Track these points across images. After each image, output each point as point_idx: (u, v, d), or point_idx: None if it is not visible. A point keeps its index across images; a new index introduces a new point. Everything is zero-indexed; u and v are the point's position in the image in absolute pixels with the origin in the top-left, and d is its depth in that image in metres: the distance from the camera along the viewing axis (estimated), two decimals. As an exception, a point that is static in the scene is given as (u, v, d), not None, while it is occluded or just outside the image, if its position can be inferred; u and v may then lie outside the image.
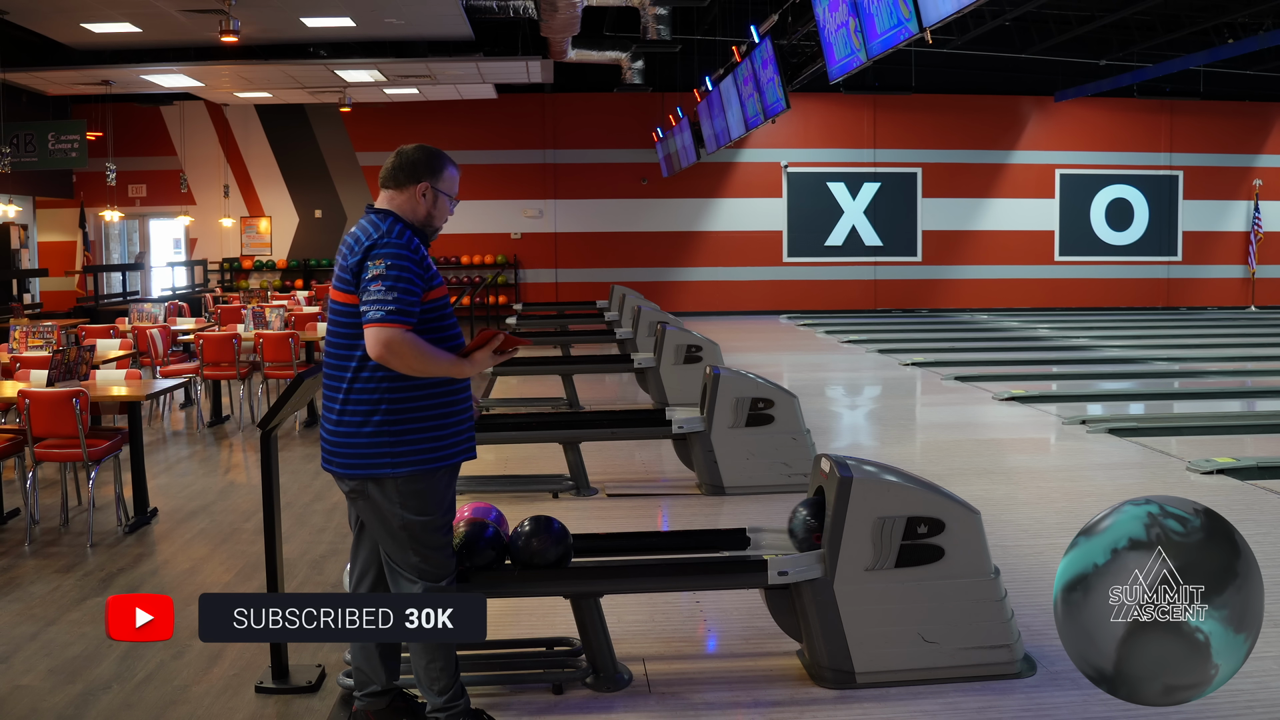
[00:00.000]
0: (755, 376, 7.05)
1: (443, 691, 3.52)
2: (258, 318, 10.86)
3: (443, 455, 3.48)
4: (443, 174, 3.57)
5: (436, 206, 3.56)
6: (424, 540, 3.48)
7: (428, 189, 3.54)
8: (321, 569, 5.64)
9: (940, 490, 4.05)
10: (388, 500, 3.45)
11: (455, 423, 3.52)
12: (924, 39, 7.35)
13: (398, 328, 3.31)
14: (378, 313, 3.31)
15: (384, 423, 3.41)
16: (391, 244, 3.39)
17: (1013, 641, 4.01)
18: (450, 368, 3.41)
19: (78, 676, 4.25)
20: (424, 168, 3.54)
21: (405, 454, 3.42)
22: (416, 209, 3.54)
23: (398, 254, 3.38)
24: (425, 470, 3.45)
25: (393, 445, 3.42)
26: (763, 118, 12.88)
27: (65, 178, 19.92)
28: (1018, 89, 21.35)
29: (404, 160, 3.55)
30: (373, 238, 3.42)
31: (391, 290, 3.32)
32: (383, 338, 3.30)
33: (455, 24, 14.11)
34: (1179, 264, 22.32)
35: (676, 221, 21.58)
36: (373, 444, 3.42)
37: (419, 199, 3.54)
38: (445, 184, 3.57)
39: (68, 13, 12.94)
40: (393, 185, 3.55)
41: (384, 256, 3.36)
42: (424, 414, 3.44)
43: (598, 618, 3.94)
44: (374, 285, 3.34)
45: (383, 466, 3.42)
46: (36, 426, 6.24)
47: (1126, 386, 12.42)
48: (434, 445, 3.46)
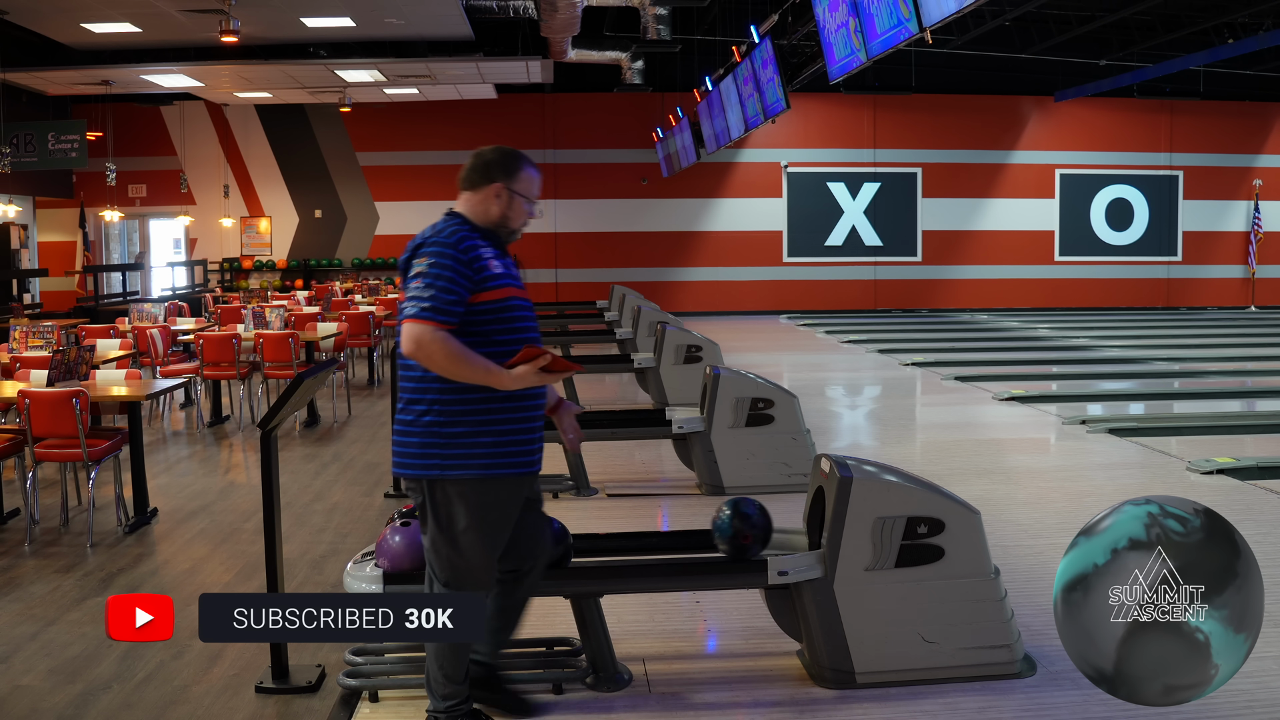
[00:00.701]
0: (755, 376, 7.05)
1: (446, 697, 3.54)
2: (258, 318, 10.86)
3: (498, 464, 3.40)
4: (518, 175, 3.50)
5: (512, 208, 3.50)
6: (466, 550, 3.44)
7: (502, 190, 3.48)
8: (321, 569, 5.64)
9: (940, 490, 4.05)
10: (438, 503, 3.42)
11: (516, 431, 3.42)
12: (924, 39, 7.35)
13: (429, 325, 3.26)
14: (412, 309, 3.30)
15: (434, 424, 3.38)
16: (438, 243, 3.37)
17: (1013, 641, 4.01)
18: (485, 376, 3.31)
19: (78, 676, 4.25)
20: (498, 168, 3.49)
21: (456, 458, 3.37)
22: (489, 210, 3.49)
23: (441, 252, 3.35)
24: (476, 477, 3.38)
25: (443, 448, 3.37)
26: (763, 118, 12.88)
27: (65, 178, 19.92)
28: (1018, 89, 21.35)
29: (479, 161, 3.52)
30: (425, 237, 3.41)
31: (429, 288, 3.29)
32: (412, 334, 3.28)
33: (455, 24, 14.11)
34: (1179, 264, 22.32)
35: (676, 221, 21.58)
36: (425, 444, 3.39)
37: (492, 200, 3.49)
38: (521, 185, 3.50)
39: (68, 13, 12.95)
40: (467, 187, 3.52)
41: (428, 255, 3.35)
42: (478, 419, 3.38)
43: (598, 618, 3.94)
44: (414, 283, 3.33)
45: (433, 468, 3.39)
46: (36, 426, 6.24)
47: (1126, 386, 12.42)
48: (488, 452, 3.38)
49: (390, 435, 3.40)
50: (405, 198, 21.29)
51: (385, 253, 21.35)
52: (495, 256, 3.45)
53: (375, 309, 13.44)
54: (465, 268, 3.35)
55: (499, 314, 3.41)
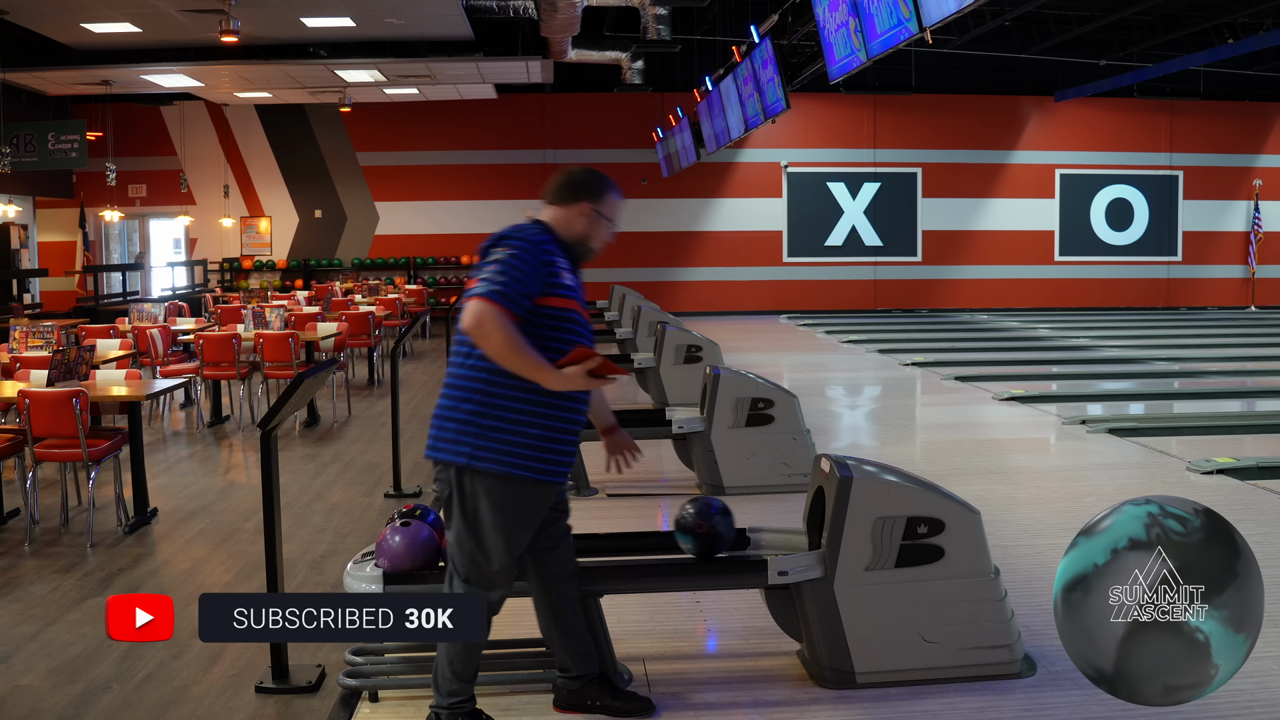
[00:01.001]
0: (755, 376, 7.05)
1: (452, 694, 3.55)
2: (258, 318, 10.86)
3: (527, 466, 3.41)
4: (606, 197, 3.59)
5: (595, 228, 3.58)
6: (489, 547, 3.45)
7: (589, 209, 3.56)
8: (321, 569, 5.64)
9: (940, 490, 4.05)
10: (465, 494, 3.44)
11: (552, 438, 3.44)
12: (924, 39, 7.35)
13: (494, 306, 3.29)
14: (481, 287, 3.33)
15: (475, 413, 3.40)
16: (522, 239, 3.43)
17: (1013, 641, 4.01)
18: (534, 368, 3.32)
19: (78, 676, 4.25)
20: (588, 188, 3.57)
21: (488, 450, 3.39)
22: (573, 226, 3.56)
23: (523, 247, 3.40)
24: (504, 474, 3.40)
25: (477, 438, 3.40)
26: (763, 118, 12.88)
27: (65, 178, 19.92)
28: (1018, 89, 21.35)
29: (570, 179, 3.61)
30: (508, 231, 3.46)
31: (503, 274, 3.33)
32: (476, 310, 3.29)
33: (455, 24, 14.11)
34: (1179, 264, 22.32)
35: (676, 221, 21.58)
36: (461, 431, 3.42)
37: (577, 217, 3.56)
38: (607, 208, 3.60)
39: (68, 13, 12.95)
40: (554, 200, 3.59)
41: (510, 246, 3.40)
42: (518, 417, 3.40)
43: (598, 618, 3.94)
44: (489, 267, 3.37)
45: (462, 455, 3.41)
46: (36, 426, 6.24)
47: (1126, 386, 12.43)
48: (520, 453, 3.40)
49: (390, 435, 3.48)
50: (405, 198, 21.29)
51: (385, 253, 21.36)
52: (568, 269, 3.52)
53: (375, 309, 13.43)
54: (540, 268, 3.40)
55: (559, 323, 3.45)
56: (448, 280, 21.28)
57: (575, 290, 3.52)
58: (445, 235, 21.31)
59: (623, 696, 3.79)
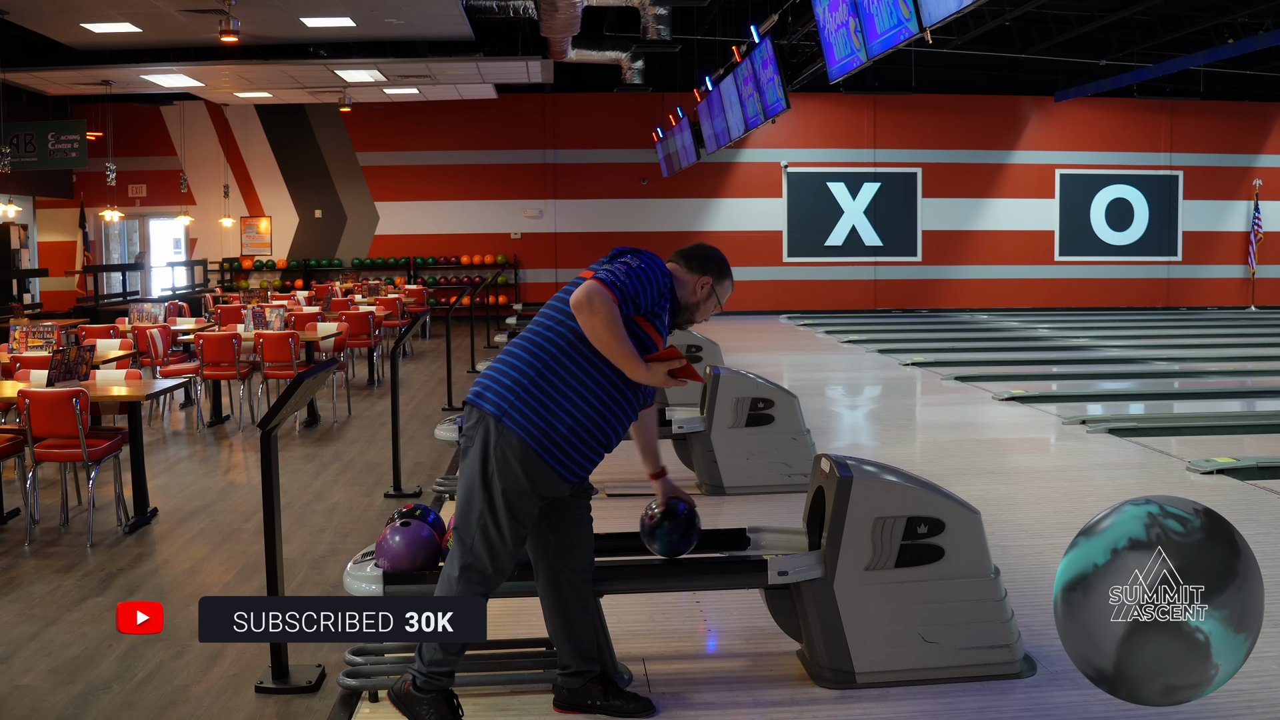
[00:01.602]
0: (755, 376, 7.05)
1: (433, 663, 3.57)
2: (258, 318, 10.86)
3: (545, 448, 3.49)
4: (724, 281, 3.80)
5: (699, 299, 3.77)
6: (495, 506, 3.48)
7: (709, 284, 3.77)
8: (321, 569, 5.64)
9: (940, 490, 4.05)
10: (486, 443, 3.49)
11: (583, 437, 3.53)
12: (924, 39, 7.35)
13: (611, 291, 3.44)
14: (605, 275, 3.50)
15: (528, 379, 3.49)
16: (656, 263, 3.64)
17: (1013, 641, 4.01)
18: (626, 355, 3.46)
19: (78, 676, 4.25)
20: (715, 267, 3.78)
21: (521, 414, 3.47)
22: (685, 289, 3.76)
23: (654, 269, 3.59)
24: (524, 442, 3.47)
25: (519, 399, 3.48)
26: (763, 118, 12.88)
27: (65, 178, 19.92)
28: (1018, 89, 21.35)
29: (704, 253, 3.81)
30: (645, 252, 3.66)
31: (629, 275, 3.51)
32: (593, 289, 3.44)
33: (455, 24, 14.11)
34: (1179, 264, 22.32)
35: (676, 221, 21.58)
36: (509, 389, 3.50)
37: (697, 286, 3.77)
38: (722, 290, 3.81)
39: (68, 13, 12.95)
40: (684, 264, 3.79)
41: (645, 261, 3.59)
42: (562, 402, 3.49)
43: (598, 618, 3.94)
44: (618, 264, 3.56)
45: (499, 409, 3.48)
46: (36, 426, 6.24)
47: (1126, 386, 12.42)
48: (548, 433, 3.48)
49: (390, 435, 3.48)
50: (405, 198, 21.30)
51: (385, 253, 21.36)
52: (668, 313, 3.70)
53: (375, 309, 13.43)
54: (656, 290, 3.59)
55: (641, 345, 3.56)
56: (448, 280, 21.28)
57: (662, 332, 3.68)
58: (445, 235, 21.31)
59: (623, 696, 3.79)
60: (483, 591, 3.54)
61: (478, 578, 3.52)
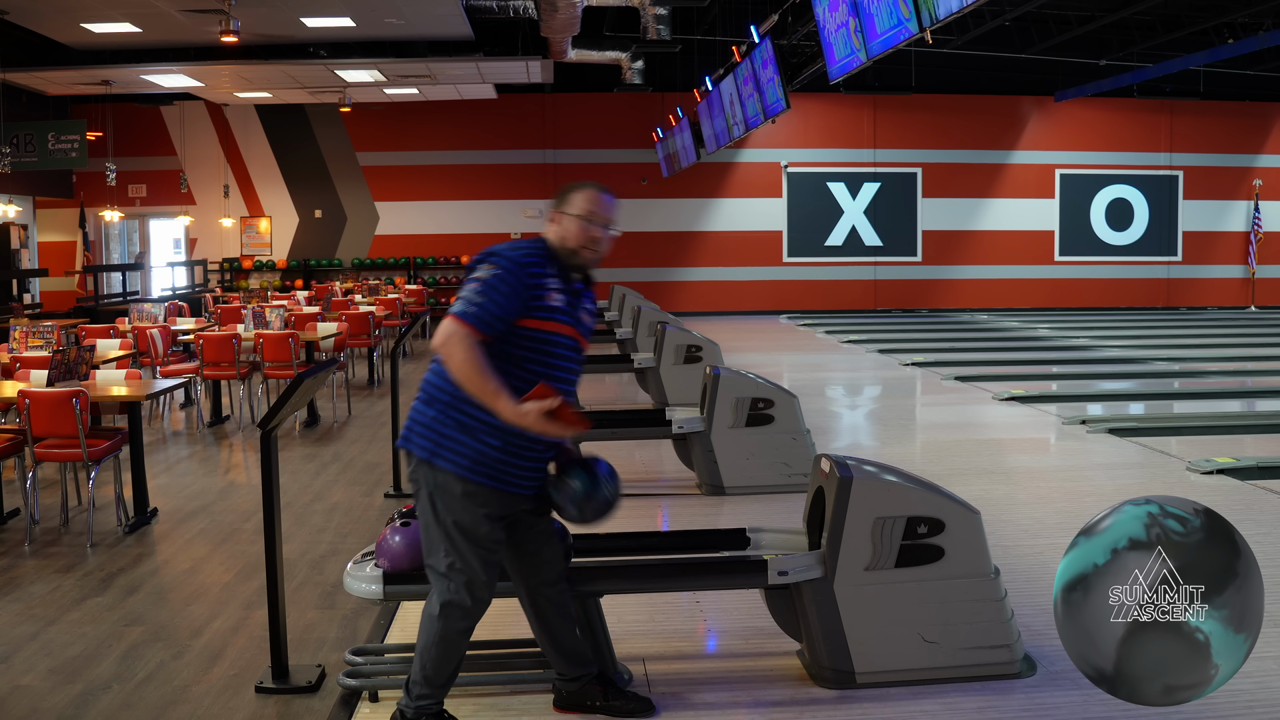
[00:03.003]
0: (755, 376, 7.05)
1: (419, 698, 3.54)
2: (258, 318, 10.86)
3: (484, 474, 3.40)
4: (569, 197, 3.53)
5: (564, 229, 3.50)
6: (455, 543, 3.44)
7: (556, 215, 3.54)
8: (321, 569, 5.64)
9: (940, 490, 4.05)
10: (428, 485, 3.46)
11: (517, 454, 3.42)
12: (924, 39, 7.35)
13: (465, 327, 3.30)
14: (458, 306, 3.35)
15: (442, 415, 3.42)
16: (506, 258, 3.41)
17: (1013, 641, 4.01)
18: (489, 396, 3.29)
19: (78, 676, 4.25)
20: (561, 196, 3.56)
21: (450, 449, 3.40)
22: (564, 237, 3.50)
23: (506, 268, 3.38)
24: (462, 477, 3.40)
25: (441, 436, 3.42)
26: (763, 118, 12.88)
27: (65, 178, 19.92)
28: (1018, 89, 21.35)
29: (561, 191, 3.59)
30: (499, 248, 3.47)
31: (481, 295, 3.33)
32: (447, 329, 3.33)
33: (455, 24, 14.11)
34: (1179, 264, 22.32)
35: (676, 221, 21.58)
36: (429, 427, 3.44)
37: (549, 224, 3.55)
38: (572, 206, 3.51)
39: (68, 13, 12.95)
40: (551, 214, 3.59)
41: (493, 265, 3.39)
42: (482, 428, 3.38)
43: (598, 618, 3.94)
44: (471, 284, 3.38)
45: (427, 450, 3.44)
46: (36, 426, 6.24)
47: (1126, 386, 12.42)
48: (479, 459, 3.39)
49: (390, 435, 3.49)
50: (405, 198, 21.29)
51: (385, 253, 21.36)
52: (562, 289, 3.46)
53: (375, 309, 13.43)
54: (523, 289, 3.37)
55: (538, 345, 3.42)
56: (448, 280, 21.27)
57: (563, 311, 3.46)
58: (445, 235, 21.31)
59: (623, 696, 3.79)
60: (465, 626, 3.50)
61: (459, 613, 3.47)
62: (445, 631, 3.46)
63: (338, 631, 4.74)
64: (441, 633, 3.46)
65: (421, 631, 3.53)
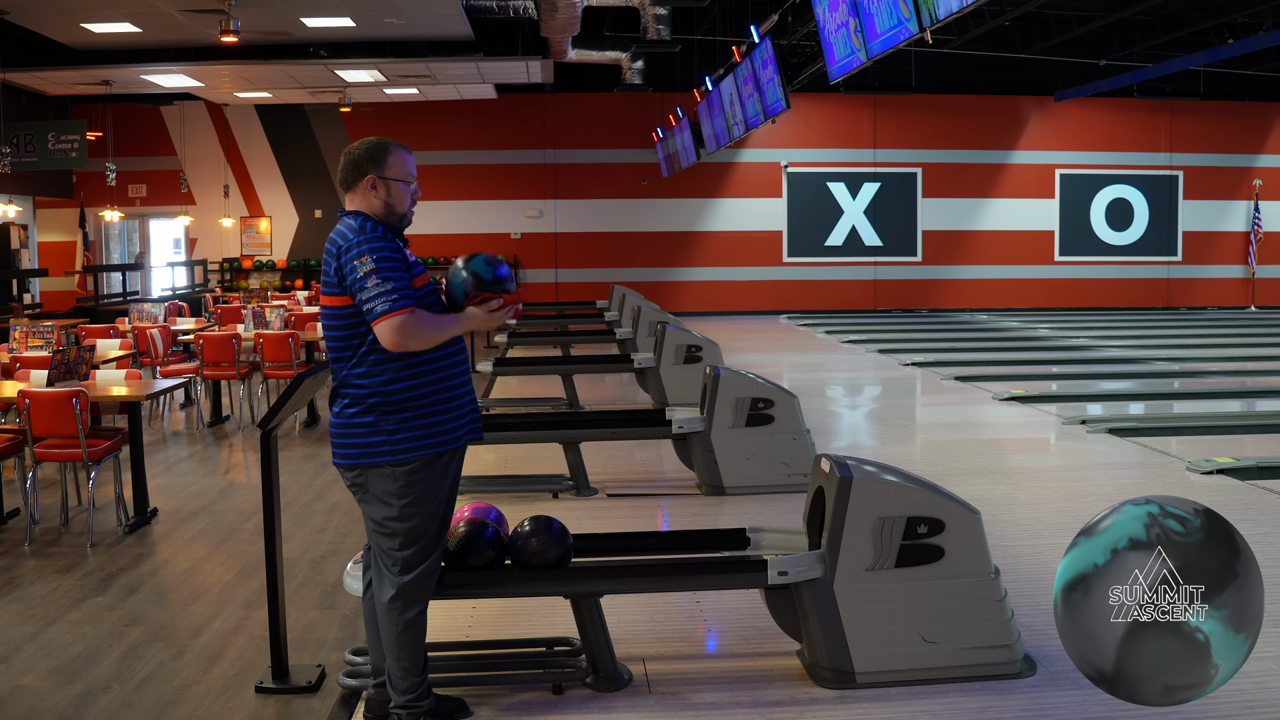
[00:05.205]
0: (755, 376, 7.05)
1: (406, 691, 3.55)
2: (258, 318, 10.86)
3: (444, 440, 3.50)
4: (385, 161, 3.53)
5: (391, 195, 3.53)
6: (417, 530, 3.50)
7: (375, 180, 3.52)
8: (321, 569, 5.64)
9: (940, 490, 4.05)
10: (385, 490, 3.47)
11: (455, 407, 3.54)
12: (924, 39, 7.35)
13: (405, 312, 3.36)
14: (383, 305, 3.35)
15: (384, 412, 3.45)
16: (366, 240, 3.42)
17: (1013, 641, 4.01)
18: (456, 327, 3.47)
19: (78, 676, 4.25)
20: (366, 160, 3.53)
21: (404, 441, 3.45)
22: (373, 203, 3.53)
23: (377, 246, 3.41)
24: (425, 456, 3.47)
25: (391, 433, 3.45)
26: (763, 118, 12.87)
27: (65, 178, 19.92)
28: (1018, 89, 21.35)
29: (349, 159, 3.56)
30: (349, 239, 3.44)
31: (387, 281, 3.37)
32: (395, 325, 3.35)
33: (455, 24, 14.11)
34: (1179, 264, 22.32)
35: (676, 221, 21.58)
36: (372, 433, 3.46)
37: (369, 193, 3.52)
38: (391, 170, 3.53)
39: (68, 13, 12.94)
40: (346, 187, 3.58)
41: (367, 253, 3.39)
42: (422, 401, 3.47)
43: (598, 618, 3.94)
44: (369, 282, 3.37)
45: (382, 455, 3.45)
46: (36, 426, 6.24)
47: (1126, 386, 12.42)
48: (434, 431, 3.48)
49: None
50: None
51: (385, 253, 21.32)
52: (404, 248, 3.55)
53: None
54: (398, 253, 3.46)
55: (423, 300, 3.50)
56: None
57: (417, 266, 3.56)
58: (445, 235, 21.29)
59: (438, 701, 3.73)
60: (423, 606, 3.56)
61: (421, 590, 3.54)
62: (406, 618, 3.50)
63: (338, 631, 4.74)
64: (404, 621, 3.50)
65: (382, 626, 3.54)
